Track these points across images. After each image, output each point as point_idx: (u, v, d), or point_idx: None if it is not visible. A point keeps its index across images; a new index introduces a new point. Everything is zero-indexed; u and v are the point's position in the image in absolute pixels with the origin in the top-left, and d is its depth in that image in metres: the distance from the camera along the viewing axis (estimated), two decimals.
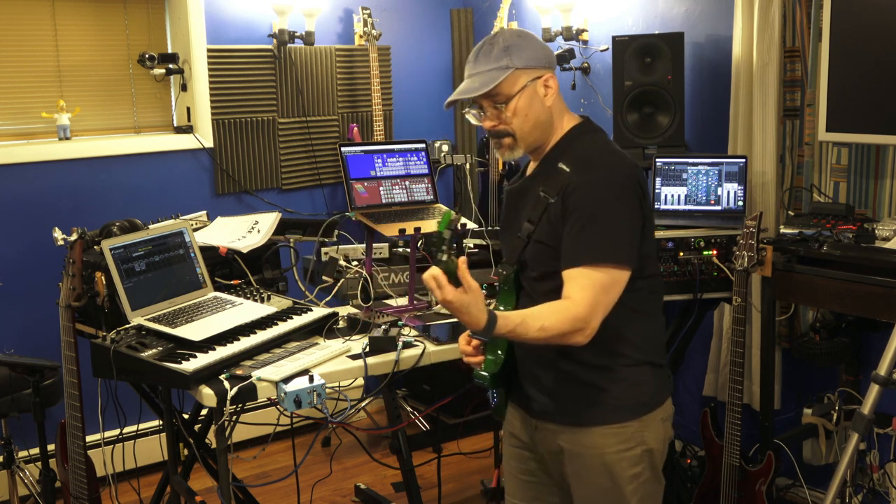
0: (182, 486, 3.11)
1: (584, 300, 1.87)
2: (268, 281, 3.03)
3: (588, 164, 1.96)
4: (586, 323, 1.86)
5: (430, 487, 3.69)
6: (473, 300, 1.81)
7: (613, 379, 2.01)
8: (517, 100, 1.99)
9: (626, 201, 1.93)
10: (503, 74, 1.97)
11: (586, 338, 1.88)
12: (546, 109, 2.02)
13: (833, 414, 3.20)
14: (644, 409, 2.03)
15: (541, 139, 2.04)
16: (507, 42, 1.99)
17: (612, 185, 1.93)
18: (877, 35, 2.93)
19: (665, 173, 3.38)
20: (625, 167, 1.97)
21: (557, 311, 1.89)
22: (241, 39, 4.24)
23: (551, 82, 2.02)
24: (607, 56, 3.98)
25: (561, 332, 1.87)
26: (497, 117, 2.02)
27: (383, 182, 3.06)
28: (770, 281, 3.03)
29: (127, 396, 3.04)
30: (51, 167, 3.79)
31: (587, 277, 1.88)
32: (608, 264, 1.89)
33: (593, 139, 2.04)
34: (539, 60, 2.01)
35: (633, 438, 2.01)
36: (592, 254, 1.89)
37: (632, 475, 2.02)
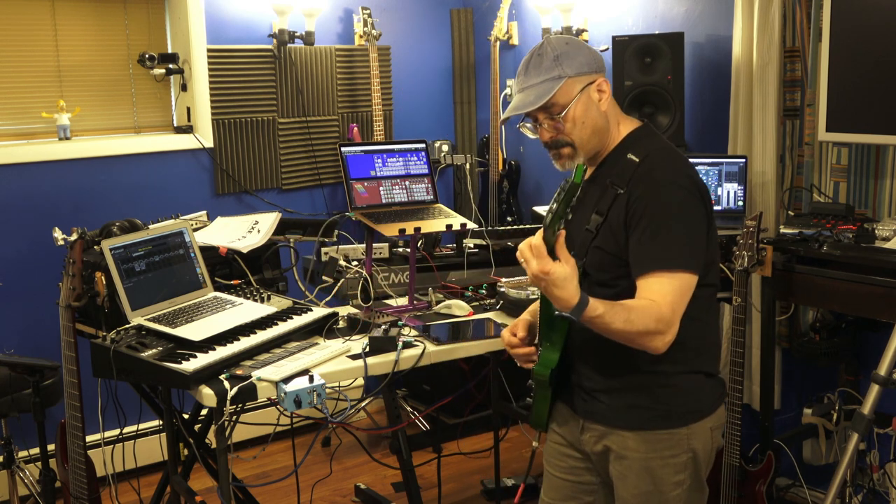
0: (182, 486, 3.11)
1: (667, 303, 1.84)
2: (268, 281, 3.03)
3: (654, 166, 1.93)
4: (668, 326, 1.83)
5: (430, 487, 3.69)
6: (573, 274, 1.77)
7: (666, 385, 1.98)
8: (573, 108, 1.96)
9: (694, 206, 1.90)
10: (557, 85, 1.94)
11: (666, 344, 1.85)
12: (602, 114, 2.00)
13: (833, 414, 3.20)
14: (694, 417, 2.00)
15: (599, 145, 2.02)
16: (556, 51, 1.96)
17: (680, 190, 1.89)
18: (877, 35, 2.93)
19: None
20: (690, 172, 1.94)
21: (644, 308, 1.84)
22: (241, 39, 4.24)
23: (604, 86, 2.00)
24: (607, 56, 3.98)
25: (645, 329, 1.83)
26: (554, 128, 1.98)
27: (383, 182, 3.06)
28: (770, 281, 3.03)
29: (127, 396, 3.04)
30: (51, 167, 3.79)
31: (665, 283, 1.85)
32: (682, 270, 1.86)
33: (656, 142, 2.01)
34: (590, 66, 1.98)
35: (680, 445, 1.99)
36: (667, 260, 1.86)
37: (675, 482, 2.00)
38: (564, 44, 1.99)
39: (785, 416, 3.48)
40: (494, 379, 3.46)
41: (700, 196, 1.92)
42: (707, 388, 2.03)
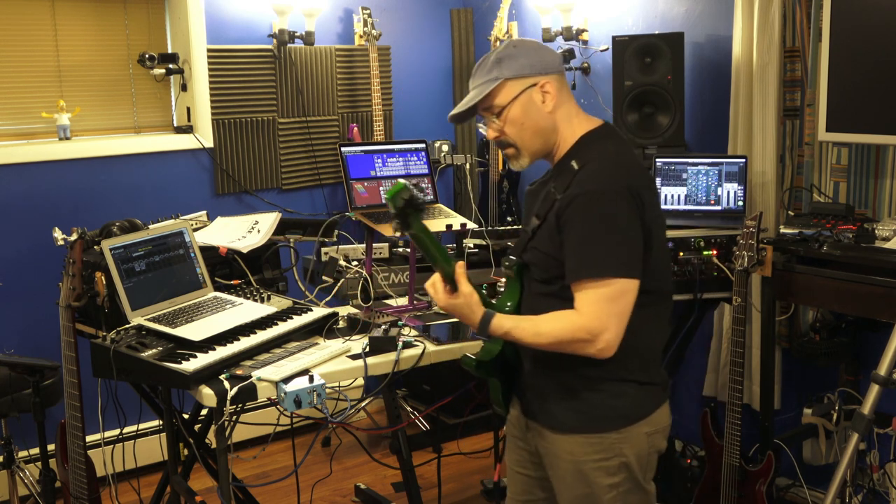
0: (182, 486, 3.11)
1: (590, 312, 1.89)
2: (268, 281, 3.03)
3: (588, 175, 1.94)
4: (593, 335, 1.88)
5: (430, 487, 3.69)
6: (465, 303, 1.95)
7: (595, 389, 2.01)
8: (509, 109, 2.01)
9: (625, 213, 1.90)
10: (492, 86, 2.00)
11: (601, 350, 1.89)
12: (547, 116, 2.01)
13: (833, 414, 3.20)
14: (623, 422, 2.01)
15: (545, 146, 2.04)
16: (500, 54, 2.02)
17: (612, 197, 1.90)
18: (877, 35, 2.93)
19: (665, 173, 3.38)
20: (624, 177, 1.94)
21: (557, 319, 1.92)
22: (241, 39, 4.24)
23: (550, 87, 2.01)
24: (607, 56, 3.98)
25: (559, 339, 1.91)
26: (496, 128, 2.04)
27: (383, 182, 3.06)
28: (770, 281, 3.03)
29: (127, 396, 3.04)
30: (51, 167, 3.79)
31: (590, 290, 1.89)
32: (610, 277, 1.88)
33: (604, 146, 2.01)
34: (533, 68, 2.00)
35: (611, 450, 2.01)
36: (593, 267, 1.89)
37: (608, 485, 2.02)
38: (513, 47, 2.03)
39: (785, 416, 3.48)
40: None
41: (635, 203, 1.91)
42: (638, 395, 2.02)
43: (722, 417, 3.06)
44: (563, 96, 2.04)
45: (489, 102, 2.02)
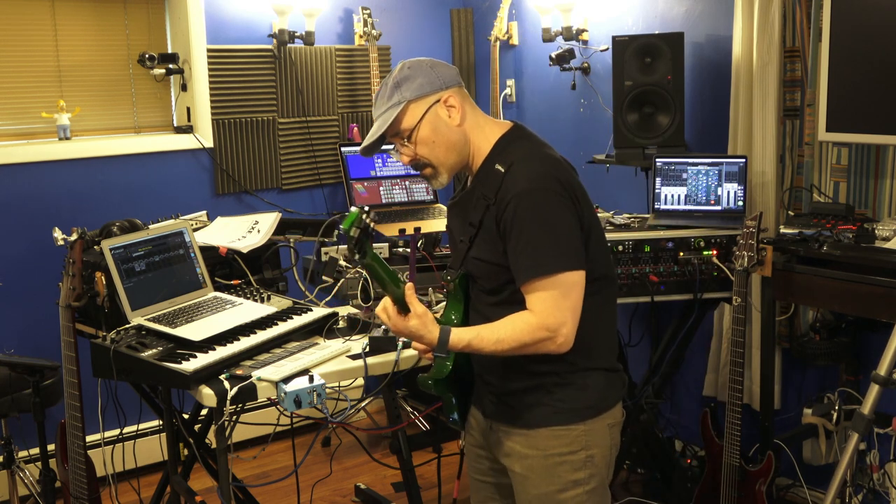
0: (182, 486, 3.11)
1: (544, 310, 1.91)
2: (268, 281, 3.03)
3: (516, 176, 1.95)
4: (552, 331, 1.90)
5: (430, 487, 3.69)
6: (420, 324, 1.94)
7: (562, 383, 2.02)
8: (418, 130, 2.00)
9: (559, 206, 1.92)
10: (396, 111, 1.99)
11: (560, 345, 1.92)
12: (456, 129, 2.02)
13: (833, 414, 3.20)
14: (590, 413, 2.03)
15: (460, 159, 2.04)
16: (397, 78, 2.02)
17: (543, 194, 1.92)
18: (877, 35, 2.93)
19: (665, 173, 3.38)
20: (555, 173, 1.95)
21: (514, 323, 1.93)
22: (241, 39, 4.24)
23: (453, 101, 2.01)
24: (607, 56, 3.98)
25: (521, 342, 1.92)
26: (409, 151, 2.04)
27: (383, 182, 3.07)
28: (770, 281, 3.03)
29: (127, 396, 3.04)
30: (51, 167, 3.79)
31: (541, 289, 1.91)
32: (558, 272, 1.90)
33: (522, 147, 2.02)
34: (432, 85, 2.01)
35: (577, 442, 2.02)
36: (540, 267, 1.90)
37: (574, 480, 2.03)
38: (407, 68, 2.04)
39: (785, 416, 3.48)
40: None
41: (566, 193, 1.93)
42: (603, 383, 2.06)
43: (722, 417, 3.06)
44: (468, 107, 2.04)
45: (397, 128, 2.01)
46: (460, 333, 1.95)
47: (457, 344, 1.95)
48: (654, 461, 3.62)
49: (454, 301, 2.13)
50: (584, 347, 1.98)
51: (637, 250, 3.17)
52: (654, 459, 3.61)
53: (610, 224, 3.32)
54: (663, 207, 3.37)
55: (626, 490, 3.73)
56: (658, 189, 3.38)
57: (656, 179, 3.39)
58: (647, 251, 3.15)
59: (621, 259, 3.16)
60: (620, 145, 3.65)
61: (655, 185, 3.38)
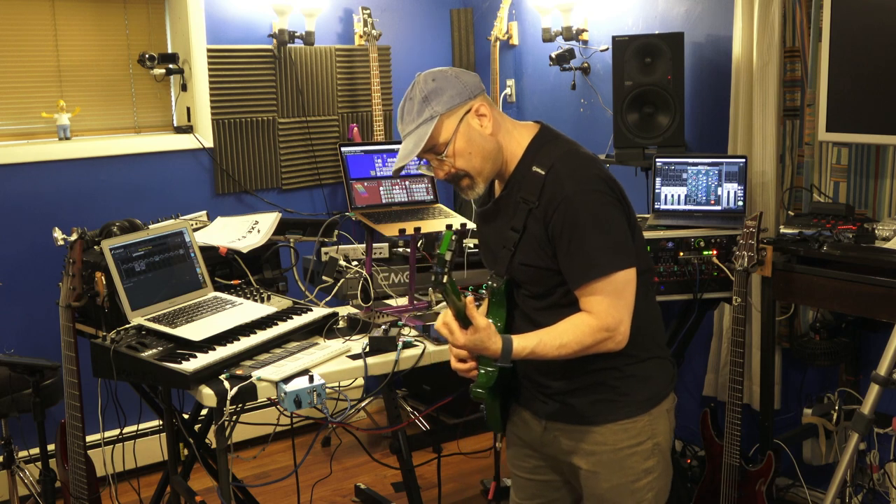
0: (182, 486, 3.11)
1: (603, 311, 1.91)
2: (268, 281, 3.03)
3: (561, 177, 1.94)
4: (612, 331, 1.92)
5: (430, 487, 3.69)
6: (485, 336, 1.88)
7: (621, 377, 2.03)
8: (454, 143, 1.97)
9: (610, 205, 1.93)
10: (430, 126, 1.95)
11: (619, 343, 1.93)
12: (489, 138, 1.99)
13: (833, 414, 3.20)
14: (652, 403, 2.06)
15: (496, 167, 2.02)
16: (423, 92, 1.97)
17: (591, 195, 1.92)
18: (877, 35, 2.93)
19: (665, 173, 3.38)
20: (596, 171, 1.96)
21: (576, 327, 1.93)
22: (241, 39, 4.24)
23: (483, 109, 1.99)
24: (607, 56, 3.98)
25: (584, 345, 1.92)
26: (444, 166, 2.00)
27: (383, 182, 3.06)
28: (770, 281, 3.03)
29: (127, 396, 3.04)
30: (51, 167, 3.79)
31: (598, 291, 1.91)
32: (613, 272, 1.91)
33: (558, 147, 2.00)
34: (461, 95, 1.97)
35: (644, 432, 2.04)
36: (596, 268, 1.90)
37: (644, 469, 2.05)
38: (431, 80, 1.98)
39: (785, 416, 3.48)
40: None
41: (612, 192, 1.94)
42: (660, 370, 2.10)
43: (722, 417, 3.06)
44: (496, 113, 2.02)
45: (432, 143, 1.97)
46: (522, 342, 1.92)
47: (520, 352, 1.92)
48: None
49: (497, 307, 2.09)
50: (639, 339, 1.99)
51: None
52: None
53: None
54: (663, 207, 3.37)
55: None
56: (658, 189, 3.38)
57: (656, 179, 3.39)
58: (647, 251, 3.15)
59: None
60: (620, 145, 3.65)
61: (655, 185, 3.38)
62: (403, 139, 2.01)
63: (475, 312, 1.87)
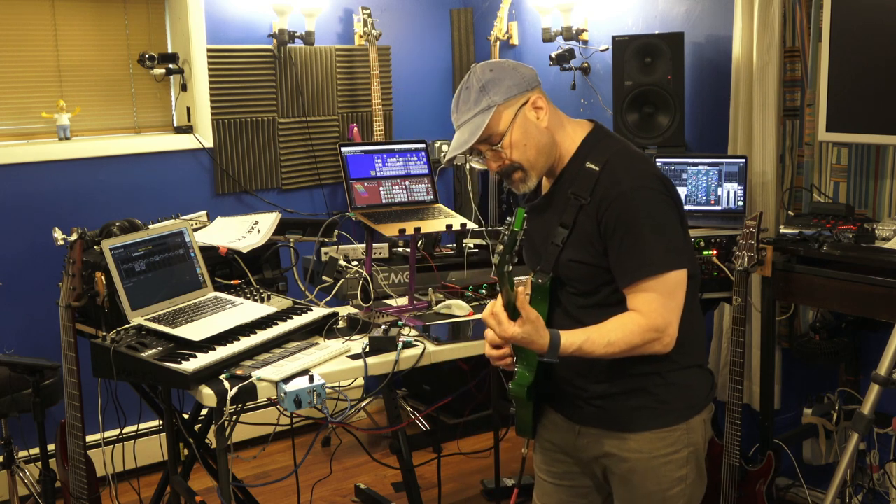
0: (182, 486, 3.11)
1: (653, 311, 1.88)
2: (268, 281, 3.03)
3: (617, 174, 1.91)
4: (661, 332, 1.88)
5: (430, 487, 3.69)
6: (534, 329, 1.84)
7: (663, 384, 1.99)
8: (510, 134, 1.95)
9: (665, 204, 1.91)
10: (488, 116, 1.93)
11: (666, 345, 1.90)
12: (544, 131, 1.97)
13: (833, 414, 3.20)
14: (692, 413, 2.02)
15: (549, 160, 2.00)
16: (481, 81, 1.95)
17: (647, 193, 1.89)
18: (877, 35, 2.93)
19: (665, 173, 3.37)
20: (652, 169, 1.95)
21: (624, 325, 1.89)
22: (241, 39, 4.24)
23: (540, 102, 1.97)
24: (607, 56, 3.98)
25: (631, 345, 1.88)
26: (498, 157, 1.98)
27: (383, 182, 3.06)
28: (770, 281, 3.03)
29: (127, 396, 3.04)
30: (51, 167, 3.79)
31: (650, 290, 1.88)
32: (665, 272, 1.88)
33: (613, 145, 1.99)
34: (519, 87, 1.95)
35: (680, 441, 2.01)
36: (649, 267, 1.87)
37: (678, 477, 2.02)
38: (489, 71, 1.96)
39: (785, 416, 3.48)
40: (494, 379, 3.46)
41: (667, 192, 1.92)
42: (701, 380, 2.06)
43: (722, 417, 3.06)
44: (552, 107, 2.01)
45: (488, 133, 1.94)
46: (570, 337, 1.88)
47: (567, 348, 1.87)
48: None
49: (538, 303, 2.04)
50: (684, 345, 1.96)
51: None
52: None
53: None
54: None
55: None
56: None
57: None
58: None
59: None
60: None
61: None
62: (458, 129, 1.99)
63: (526, 304, 1.83)
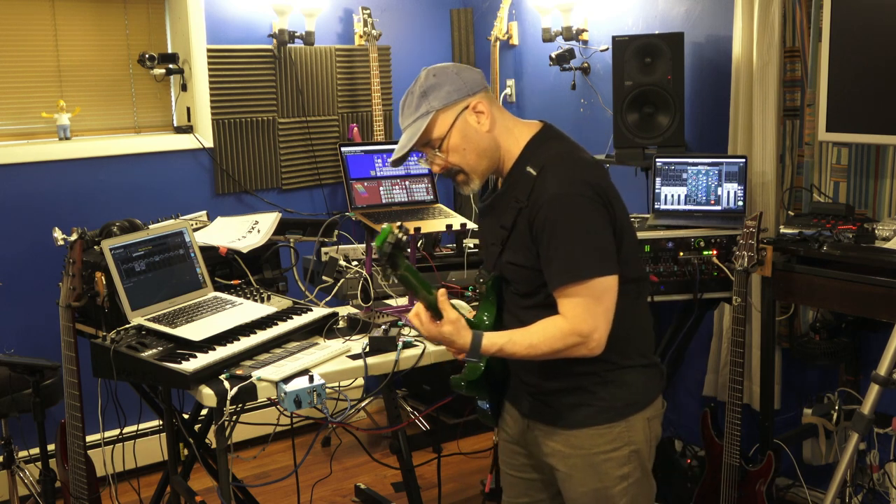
0: (182, 486, 3.11)
1: (576, 316, 1.91)
2: (268, 281, 3.03)
3: (548, 179, 1.94)
4: (584, 337, 1.91)
5: (430, 487, 3.69)
6: (453, 329, 1.93)
7: (601, 382, 2.03)
8: (449, 139, 2.00)
9: (592, 210, 1.92)
10: (426, 121, 1.98)
11: (592, 349, 1.92)
12: (485, 135, 2.01)
13: (833, 414, 3.20)
14: (631, 410, 2.05)
15: (491, 164, 2.04)
16: (423, 87, 2.00)
17: (575, 199, 1.91)
18: (877, 35, 2.93)
19: (665, 173, 3.38)
20: (586, 176, 1.95)
21: (546, 329, 1.93)
22: (241, 39, 4.24)
23: (481, 106, 2.00)
24: (607, 56, 3.98)
25: (553, 348, 1.92)
26: (440, 160, 2.03)
27: (383, 182, 3.06)
28: (770, 281, 3.03)
29: (127, 396, 3.04)
30: (51, 167, 3.79)
31: (574, 295, 1.91)
32: (590, 278, 1.90)
33: (553, 149, 2.01)
34: (460, 92, 1.99)
35: (620, 438, 2.04)
36: (571, 272, 1.90)
37: (619, 475, 2.05)
38: (432, 76, 2.01)
39: (785, 416, 3.48)
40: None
41: (599, 198, 1.93)
42: (643, 379, 2.07)
43: (722, 417, 3.06)
44: (496, 111, 2.03)
45: (427, 138, 2.00)
46: (492, 338, 1.95)
47: (489, 349, 1.95)
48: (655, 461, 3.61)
49: (487, 303, 2.12)
50: (621, 346, 1.99)
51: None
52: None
53: None
54: (663, 207, 3.37)
55: None
56: (658, 189, 3.38)
57: (656, 179, 3.39)
58: (647, 251, 3.16)
59: None
60: (620, 145, 3.65)
61: (655, 185, 3.38)
62: (403, 132, 2.03)
63: (447, 306, 1.92)
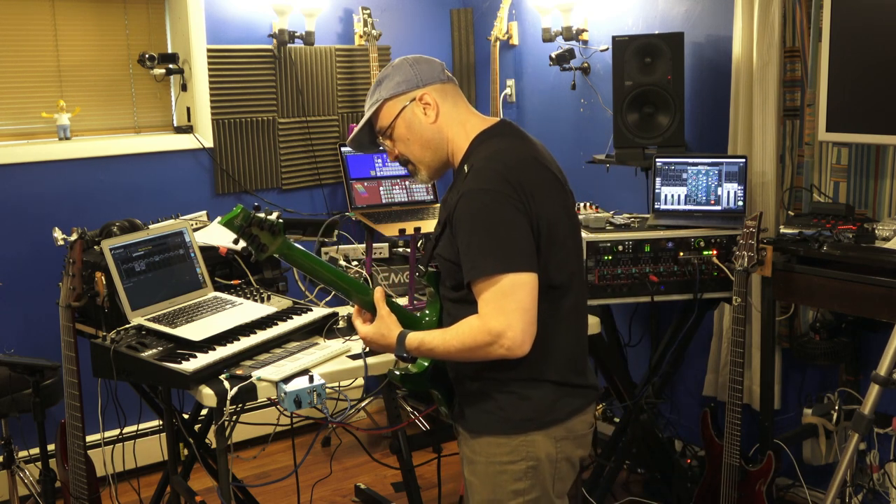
0: (182, 486, 3.11)
1: (487, 314, 1.84)
2: (268, 281, 3.03)
3: (471, 175, 1.92)
4: (496, 335, 1.82)
5: (430, 487, 3.69)
6: (384, 325, 1.98)
7: (505, 391, 1.96)
8: (394, 129, 2.04)
9: (500, 206, 1.86)
10: (373, 109, 2.05)
11: (511, 350, 1.83)
12: (431, 127, 2.01)
13: (833, 414, 3.20)
14: (530, 426, 1.96)
15: (438, 156, 2.04)
16: (380, 76, 2.06)
17: (485, 195, 1.86)
18: (877, 35, 2.93)
19: (665, 173, 3.38)
20: (503, 174, 1.88)
21: (461, 326, 1.90)
22: (241, 39, 4.24)
23: (429, 98, 2.00)
24: (607, 56, 3.98)
25: (466, 345, 1.87)
26: (390, 148, 2.08)
27: (383, 182, 3.07)
28: (770, 281, 3.03)
29: (127, 396, 3.04)
30: (51, 167, 3.79)
31: (482, 291, 1.85)
32: (501, 273, 1.83)
33: (491, 146, 1.97)
34: (408, 84, 2.01)
35: (517, 452, 1.96)
36: (479, 268, 1.85)
37: (514, 490, 1.98)
38: (391, 67, 2.06)
39: (785, 416, 3.48)
40: None
41: (516, 194, 1.86)
42: (552, 397, 1.97)
43: (722, 417, 3.06)
44: (447, 104, 2.02)
45: (377, 126, 2.06)
46: (416, 335, 1.95)
47: (411, 344, 1.95)
48: (654, 461, 3.62)
49: (433, 299, 2.10)
50: (533, 358, 1.88)
51: (637, 250, 3.17)
52: (654, 459, 3.61)
53: (610, 224, 3.32)
54: (663, 207, 3.37)
55: (626, 490, 3.73)
56: (658, 189, 3.38)
57: (656, 179, 3.39)
58: (647, 251, 3.16)
59: (621, 259, 3.16)
60: (620, 145, 3.65)
61: (655, 185, 3.38)
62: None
63: (381, 304, 1.98)
